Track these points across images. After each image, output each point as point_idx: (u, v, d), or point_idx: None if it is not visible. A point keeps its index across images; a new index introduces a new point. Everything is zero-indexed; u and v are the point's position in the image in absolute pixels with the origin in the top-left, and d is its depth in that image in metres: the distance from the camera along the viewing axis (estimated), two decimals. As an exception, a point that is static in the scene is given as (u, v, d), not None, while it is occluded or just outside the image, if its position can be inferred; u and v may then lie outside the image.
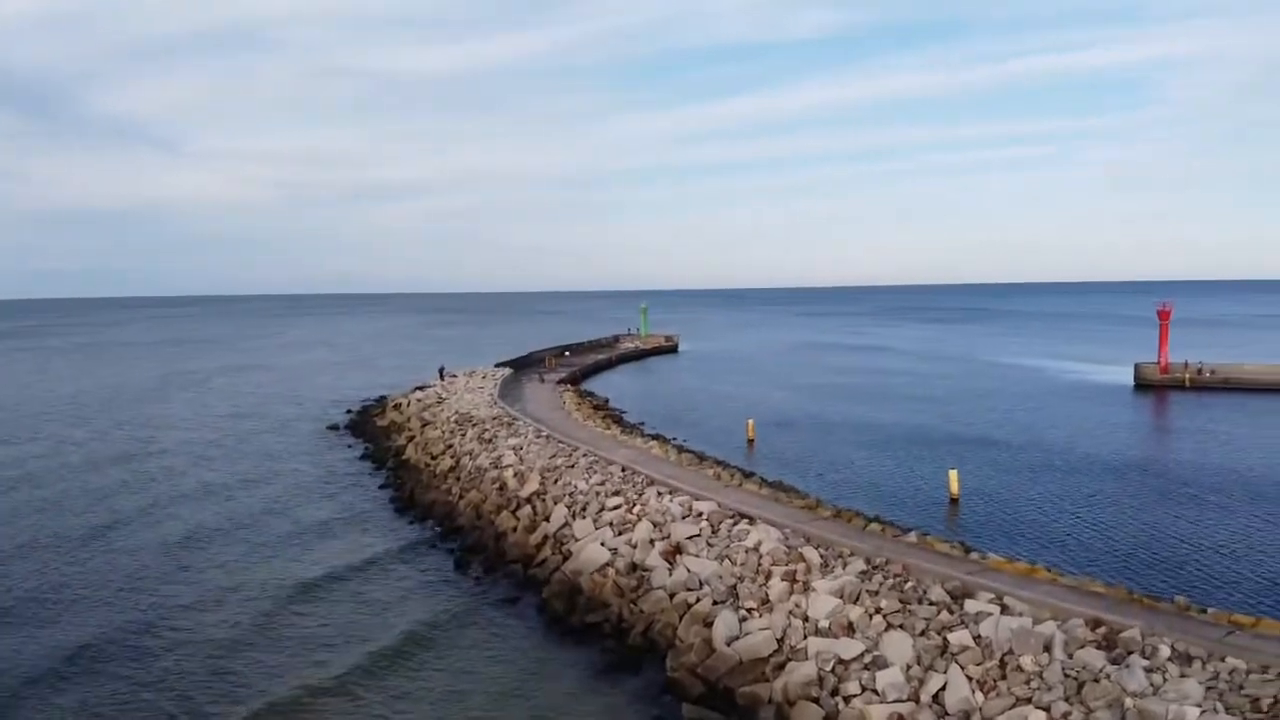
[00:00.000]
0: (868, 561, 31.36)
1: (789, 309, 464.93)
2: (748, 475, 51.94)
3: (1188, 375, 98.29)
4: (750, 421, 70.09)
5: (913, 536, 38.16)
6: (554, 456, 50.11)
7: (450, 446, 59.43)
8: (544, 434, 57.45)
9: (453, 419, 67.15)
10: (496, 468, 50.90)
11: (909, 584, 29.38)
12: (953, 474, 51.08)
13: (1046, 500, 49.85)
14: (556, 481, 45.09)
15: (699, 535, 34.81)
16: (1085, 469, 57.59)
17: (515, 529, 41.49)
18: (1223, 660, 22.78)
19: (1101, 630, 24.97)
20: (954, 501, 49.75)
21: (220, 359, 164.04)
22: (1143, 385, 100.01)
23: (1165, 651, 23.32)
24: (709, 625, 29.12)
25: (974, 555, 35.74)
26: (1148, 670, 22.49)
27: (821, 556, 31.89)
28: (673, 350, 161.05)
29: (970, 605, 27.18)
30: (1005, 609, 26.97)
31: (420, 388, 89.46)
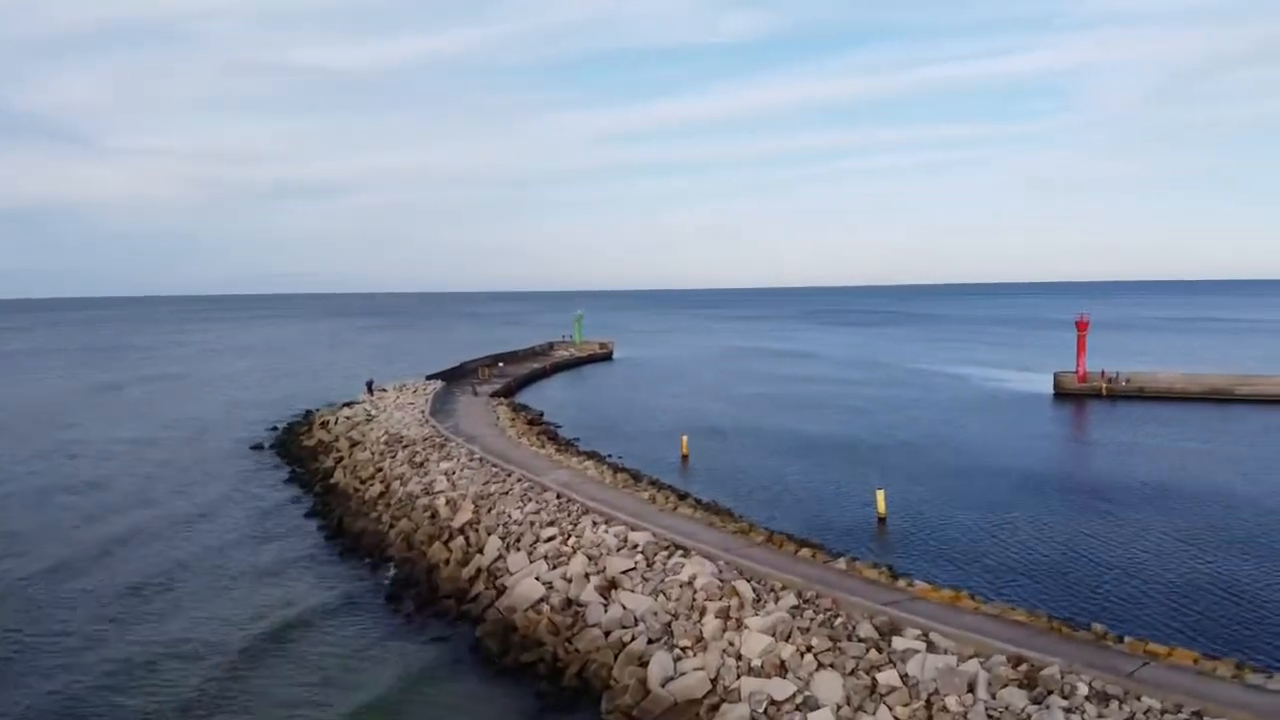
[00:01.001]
0: (799, 595, 31.84)
1: (719, 312, 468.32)
2: (682, 497, 52.25)
3: (1104, 384, 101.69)
4: (685, 438, 70.52)
5: (842, 563, 38.87)
6: (487, 482, 49.79)
7: (380, 470, 58.63)
8: (477, 456, 57.04)
9: (382, 440, 66.25)
10: (428, 494, 50.41)
11: (839, 619, 29.93)
12: (880, 494, 52.06)
13: (970, 518, 51.10)
14: (490, 510, 44.82)
15: (634, 569, 34.95)
16: (1007, 485, 59.17)
17: (448, 561, 41.13)
18: (1139, 699, 23.68)
19: (1023, 668, 25.75)
20: (881, 520, 50.72)
21: (136, 368, 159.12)
22: (1062, 394, 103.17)
23: (1083, 690, 24.16)
24: (644, 665, 29.28)
25: (901, 582, 36.51)
26: (1067, 711, 23.27)
27: (754, 590, 32.28)
28: (608, 358, 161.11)
29: (898, 643, 27.79)
30: (931, 646, 27.65)
31: (348, 404, 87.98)
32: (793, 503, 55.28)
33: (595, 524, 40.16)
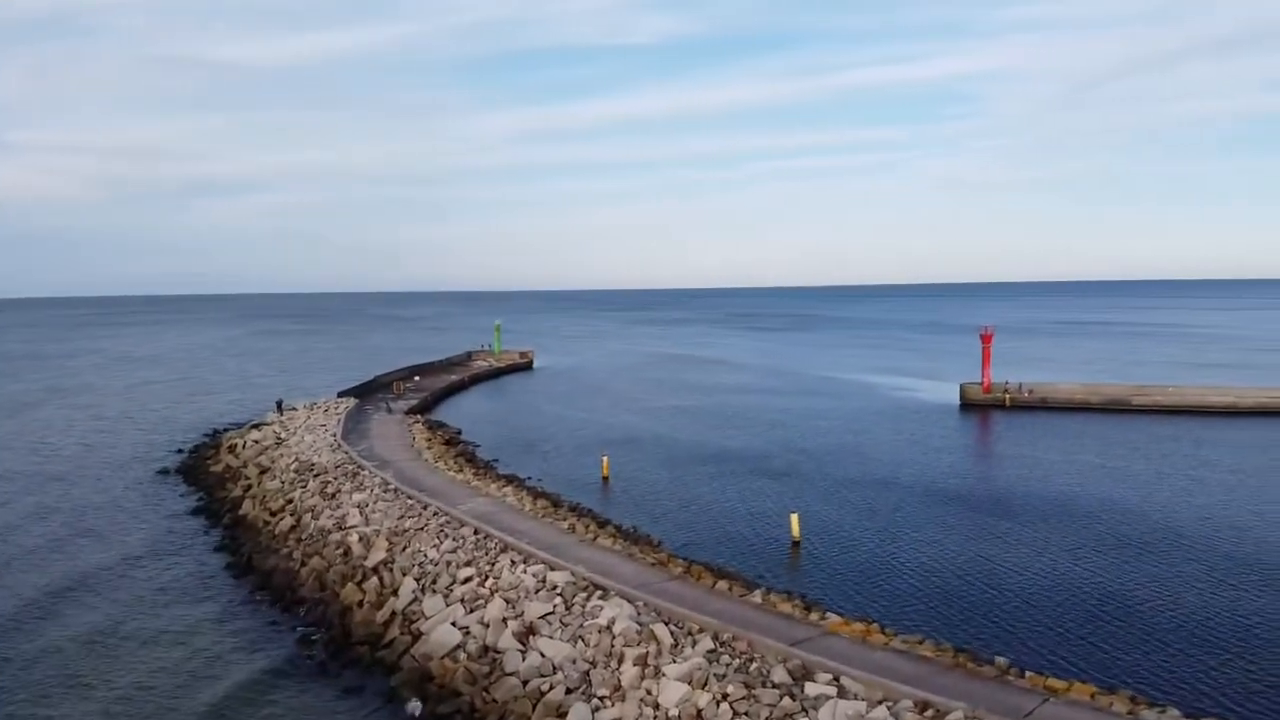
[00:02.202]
0: (715, 638, 32.26)
1: (642, 314, 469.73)
2: (602, 525, 52.37)
3: (1008, 395, 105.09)
4: (605, 459, 70.60)
5: (758, 595, 39.54)
6: (402, 516, 49.16)
7: (290, 501, 57.32)
8: (391, 487, 56.24)
9: (292, 467, 64.81)
10: (341, 529, 49.53)
11: (754, 664, 30.43)
12: (794, 518, 52.95)
13: (878, 541, 52.29)
14: (405, 549, 44.26)
15: (553, 613, 34.94)
16: (914, 503, 60.73)
17: (362, 603, 40.50)
18: (1037, 744, 24.63)
19: (929, 714, 26.55)
20: (796, 544, 51.60)
21: (29, 379, 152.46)
22: (967, 404, 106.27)
23: (987, 735, 25.02)
24: (563, 716, 29.33)
25: (814, 615, 37.31)
26: (971, 759, 24.07)
27: (672, 634, 32.57)
28: (528, 367, 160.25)
29: (810, 689, 28.39)
30: (842, 691, 28.31)
31: (257, 425, 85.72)
32: (710, 525, 55.84)
33: (514, 563, 40.02)
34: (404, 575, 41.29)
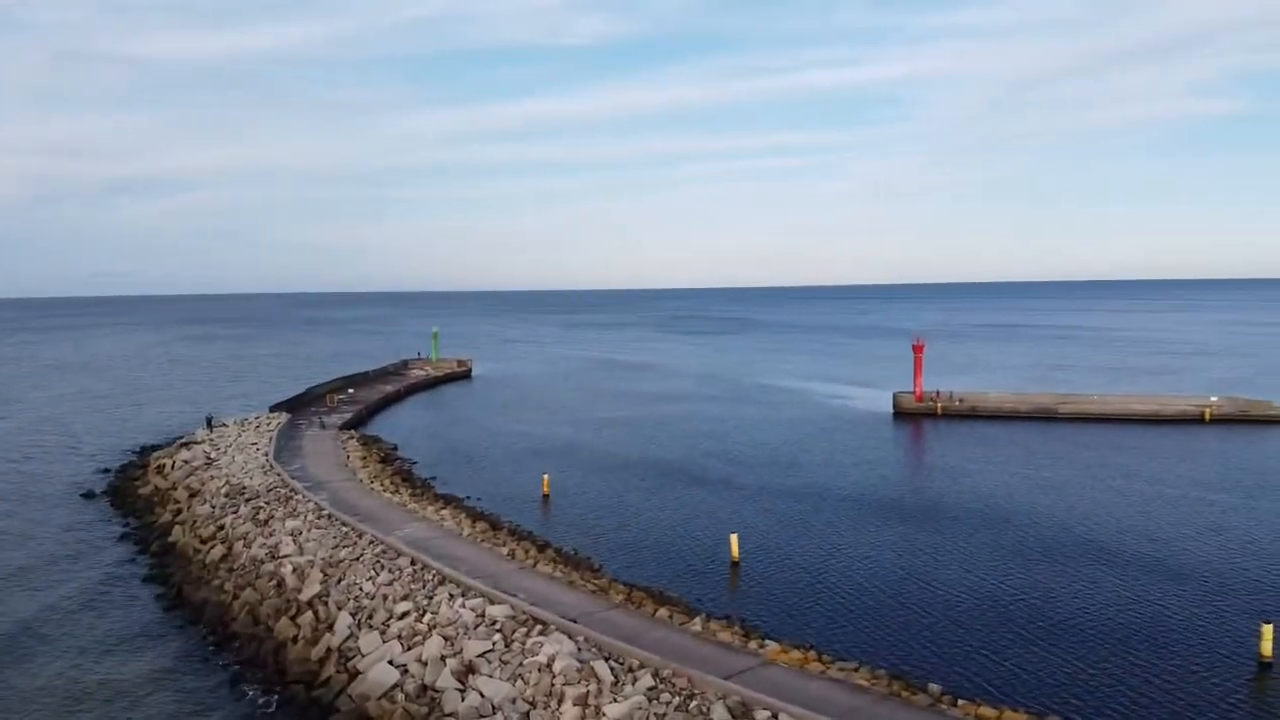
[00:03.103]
0: (655, 675, 32.36)
1: (580, 317, 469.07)
2: (542, 549, 52.15)
3: (939, 404, 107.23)
4: (546, 477, 70.29)
5: (697, 623, 39.77)
6: (337, 546, 48.39)
7: (221, 528, 56.03)
8: (325, 512, 55.33)
9: (223, 491, 63.35)
10: (274, 559, 48.58)
11: (694, 701, 30.60)
12: (734, 538, 53.35)
13: (815, 559, 52.89)
14: (340, 581, 43.56)
15: (492, 650, 34.69)
16: (850, 519, 61.58)
17: (297, 639, 39.78)
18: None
19: (866, 752, 26.98)
20: (735, 565, 51.99)
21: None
22: (901, 414, 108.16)
23: (920, 773, 25.51)
24: (502, 759, 29.16)
25: (753, 643, 37.68)
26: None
27: (613, 671, 32.56)
28: (466, 376, 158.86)
29: (750, 727, 28.65)
30: (782, 728, 28.63)
31: (186, 444, 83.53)
32: (651, 546, 55.93)
33: (452, 597, 39.65)
34: (339, 610, 40.65)
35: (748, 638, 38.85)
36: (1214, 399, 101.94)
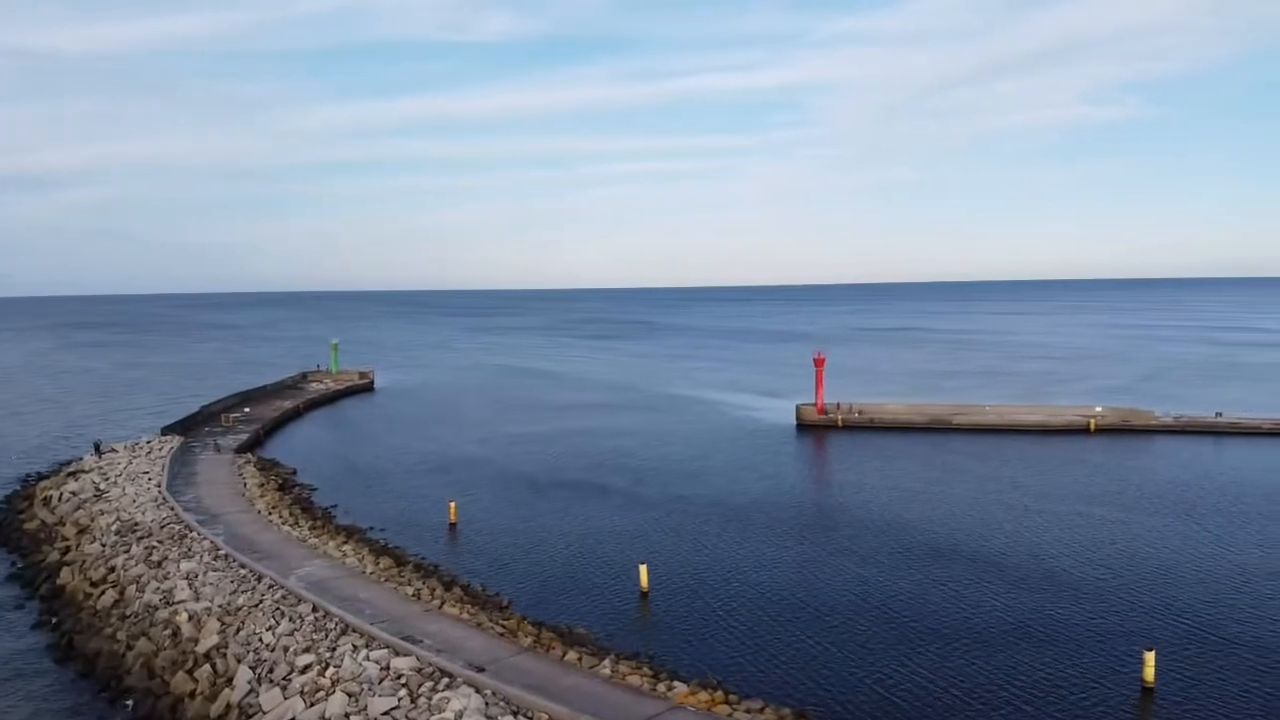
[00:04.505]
0: (563, 728, 32.43)
1: (481, 320, 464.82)
2: (449, 587, 51.52)
3: (840, 416, 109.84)
4: (452, 505, 69.46)
5: (607, 666, 40.03)
6: (235, 591, 47.04)
7: (113, 569, 53.85)
8: (222, 552, 53.70)
9: (114, 527, 60.88)
10: (169, 605, 46.94)
11: (603, 756, 30.78)
12: (643, 569, 53.70)
13: (723, 584, 53.59)
14: (239, 631, 42.38)
15: (398, 707, 34.24)
16: (757, 541, 62.49)
17: (195, 694, 38.55)
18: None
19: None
20: (644, 595, 52.36)
21: None
22: (804, 426, 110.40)
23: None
24: (410, 825, 28.86)
25: (661, 686, 38.15)
26: None
27: (519, 727, 32.53)
28: (368, 388, 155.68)
29: (659, 783, 28.97)
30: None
31: (74, 473, 79.85)
32: (560, 577, 55.77)
33: (355, 648, 38.97)
34: (238, 663, 39.55)
35: (656, 679, 39.29)
36: (1099, 409, 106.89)
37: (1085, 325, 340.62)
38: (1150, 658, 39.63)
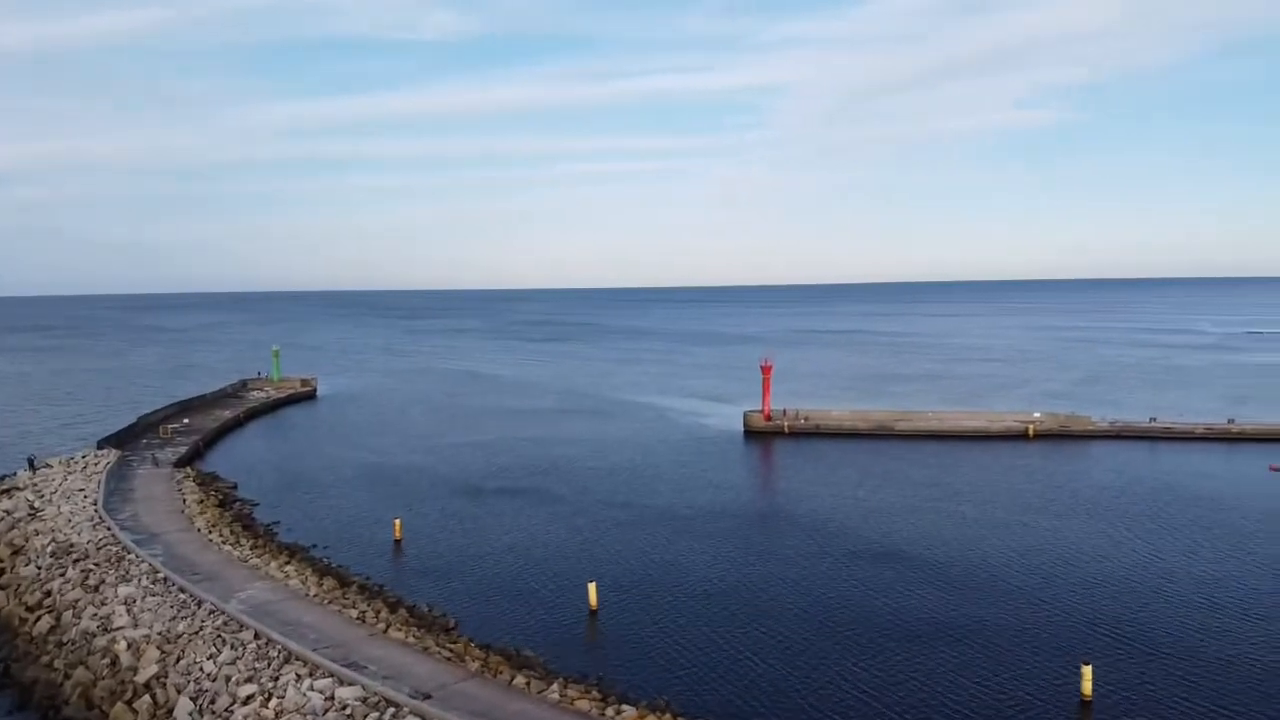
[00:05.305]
0: (512, 758, 32.37)
1: (429, 323, 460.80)
2: (394, 609, 50.97)
3: (786, 423, 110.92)
4: (398, 522, 68.67)
5: (555, 690, 39.97)
6: (175, 618, 46.10)
7: (49, 593, 52.44)
8: (161, 575, 52.60)
9: (49, 549, 59.28)
10: (106, 632, 45.88)
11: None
12: (591, 586, 53.71)
13: (672, 599, 53.81)
14: (179, 660, 41.56)
15: (343, 740, 33.92)
16: (705, 554, 62.78)
17: (134, 728, 37.79)
18: None
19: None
20: (593, 614, 52.37)
21: None
22: (751, 432, 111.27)
23: None
24: None
25: (610, 710, 38.18)
26: None
27: (468, 757, 32.40)
28: (311, 396, 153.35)
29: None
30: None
31: (7, 490, 77.49)
32: (507, 596, 55.43)
33: (299, 677, 38.45)
34: (179, 694, 38.80)
35: (605, 702, 39.32)
36: (1037, 415, 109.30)
37: (1025, 328, 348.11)
38: (1088, 672, 40.63)
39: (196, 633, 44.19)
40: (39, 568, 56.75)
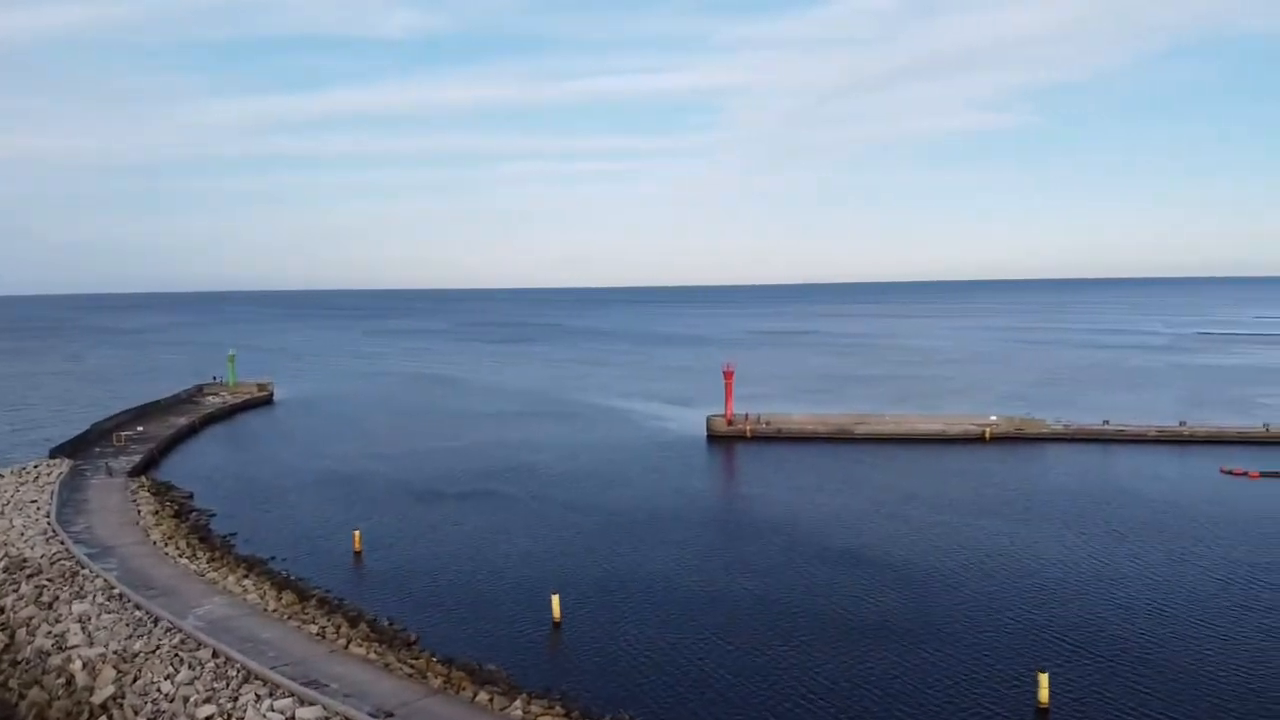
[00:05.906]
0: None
1: (387, 323, 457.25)
2: (354, 624, 50.49)
3: (749, 427, 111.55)
4: (357, 533, 67.95)
5: (518, 707, 39.89)
6: (131, 636, 45.39)
7: (1, 610, 51.45)
8: (116, 591, 51.75)
9: (1, 564, 58.12)
10: (61, 650, 45.06)
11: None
12: (555, 598, 53.59)
13: (635, 610, 53.86)
14: (136, 680, 40.93)
15: (303, 761, 33.65)
16: (669, 563, 62.92)
17: (89, 751, 37.21)
18: None
19: None
20: (557, 626, 52.29)
21: None
22: (714, 436, 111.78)
23: None
24: None
25: (575, 728, 38.21)
26: None
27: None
28: (268, 401, 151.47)
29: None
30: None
31: (-47, 503, 75.90)
32: (470, 608, 55.10)
33: (258, 698, 38.04)
34: (136, 715, 38.26)
35: (569, 717, 39.34)
36: (993, 418, 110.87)
37: (979, 329, 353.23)
38: (1044, 680, 41.29)
39: (153, 651, 43.55)
40: (-11, 584, 55.57)
